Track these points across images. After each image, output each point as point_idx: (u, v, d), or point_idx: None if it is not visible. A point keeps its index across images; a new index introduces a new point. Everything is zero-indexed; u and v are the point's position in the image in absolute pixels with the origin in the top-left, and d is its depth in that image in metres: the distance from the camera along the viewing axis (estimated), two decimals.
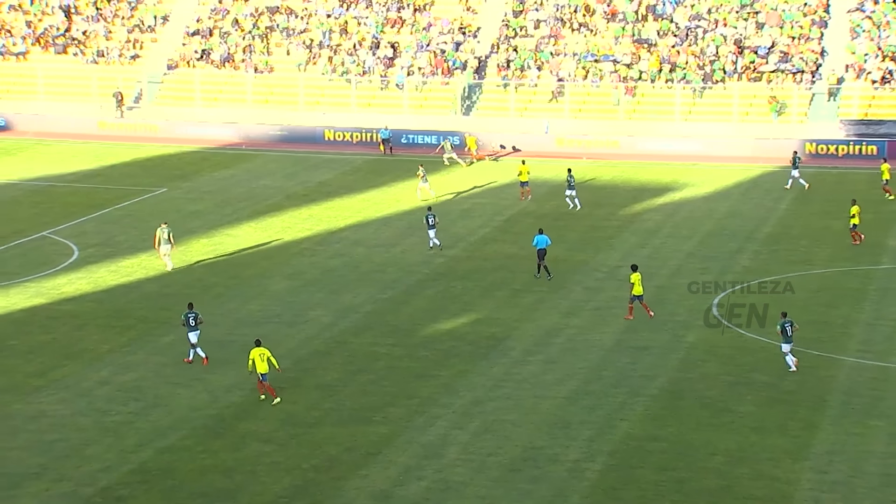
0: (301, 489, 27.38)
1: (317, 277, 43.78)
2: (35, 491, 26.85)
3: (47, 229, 49.63)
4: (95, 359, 35.19)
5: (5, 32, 79.10)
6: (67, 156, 65.73)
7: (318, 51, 76.78)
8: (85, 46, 78.46)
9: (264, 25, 78.81)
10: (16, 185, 58.22)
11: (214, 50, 77.46)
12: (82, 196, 56.01)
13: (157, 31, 79.69)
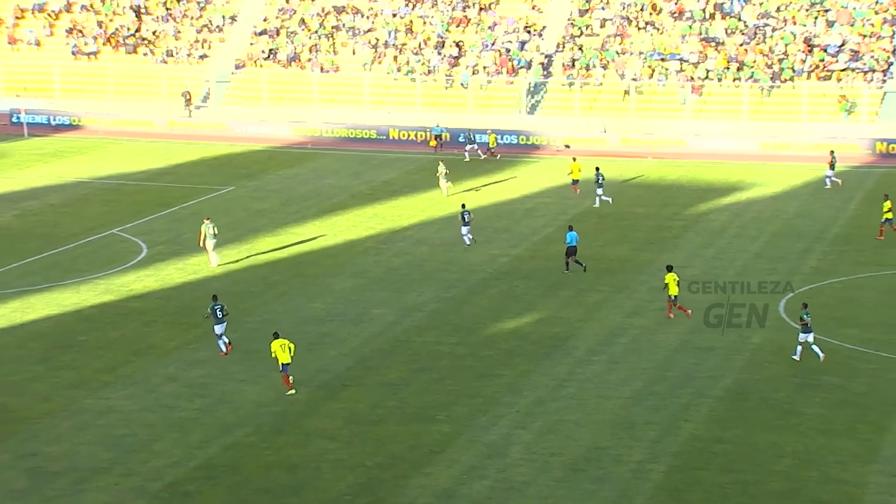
0: (364, 487, 27.49)
1: (381, 276, 43.93)
2: (104, 485, 27.21)
3: (117, 227, 50.29)
4: (163, 355, 35.59)
5: (77, 32, 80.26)
6: (137, 154, 66.54)
7: (383, 50, 77.06)
8: (154, 46, 79.40)
9: (330, 25, 79.24)
10: (86, 183, 59.06)
11: (281, 49, 78.02)
12: (151, 194, 56.67)
13: (225, 31, 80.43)
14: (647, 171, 62.63)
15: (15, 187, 57.40)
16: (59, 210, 53.18)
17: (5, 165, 62.60)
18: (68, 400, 31.97)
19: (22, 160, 64.10)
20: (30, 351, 35.57)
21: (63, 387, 32.89)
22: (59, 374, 33.77)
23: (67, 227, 49.78)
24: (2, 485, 26.98)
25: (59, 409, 31.32)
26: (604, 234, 50.14)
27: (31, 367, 34.23)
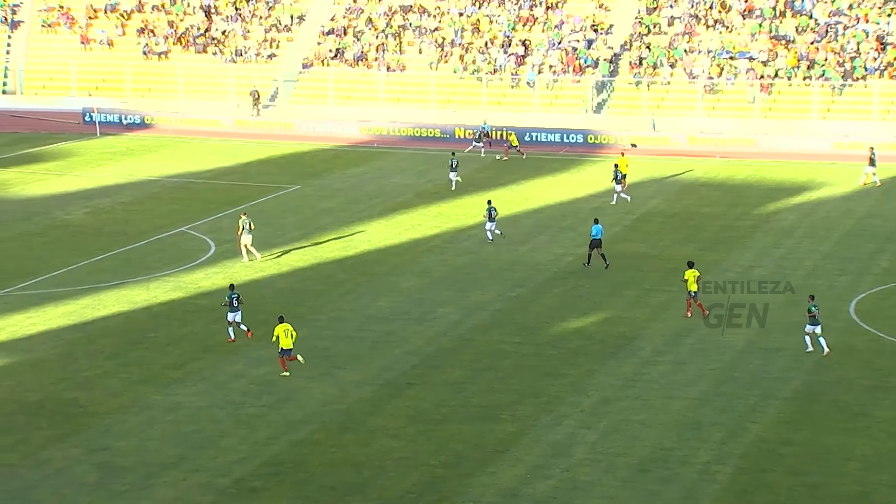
0: (428, 485, 27.55)
1: (445, 275, 43.97)
2: (172, 480, 27.51)
3: (186, 225, 50.83)
4: (230, 352, 35.90)
5: (148, 32, 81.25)
6: (206, 153, 67.22)
7: (449, 49, 77.14)
8: (224, 46, 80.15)
9: (397, 24, 79.48)
10: (156, 181, 59.75)
11: (348, 49, 78.40)
12: (219, 192, 57.21)
13: (293, 31, 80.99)
14: (714, 171, 62.08)
15: (87, 185, 58.25)
16: (129, 208, 53.88)
17: (78, 163, 63.55)
18: (138, 395, 32.38)
19: (94, 158, 65.02)
20: (100, 347, 36.07)
21: (133, 383, 33.31)
22: (128, 370, 34.20)
23: (138, 225, 50.40)
24: (73, 478, 27.39)
25: (129, 405, 31.73)
26: (670, 233, 49.79)
27: (101, 363, 34.71)
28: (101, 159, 64.95)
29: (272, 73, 78.39)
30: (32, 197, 55.47)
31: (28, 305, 39.45)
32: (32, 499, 26.43)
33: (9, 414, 30.85)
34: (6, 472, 27.57)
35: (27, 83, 78.71)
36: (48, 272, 43.12)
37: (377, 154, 67.20)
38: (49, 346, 36.01)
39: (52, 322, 37.96)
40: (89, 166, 62.99)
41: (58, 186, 57.87)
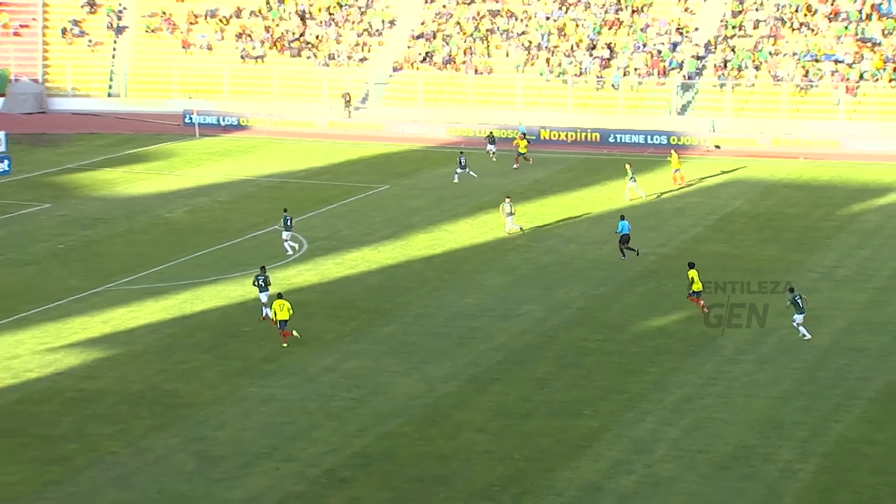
0: (513, 478, 27.52)
1: (530, 273, 43.88)
2: (266, 469, 27.82)
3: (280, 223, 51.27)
4: (321, 346, 36.21)
5: (246, 37, 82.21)
6: (299, 153, 67.85)
7: (536, 52, 76.94)
8: (317, 50, 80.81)
9: (485, 28, 79.46)
10: (252, 180, 60.42)
11: (437, 52, 78.58)
12: (312, 192, 57.71)
13: (384, 35, 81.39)
14: (798, 172, 61.14)
15: (187, 184, 59.12)
16: (226, 206, 54.58)
17: (178, 164, 64.54)
18: (233, 387, 32.80)
19: (193, 159, 65.98)
20: (198, 340, 36.60)
21: (229, 375, 33.75)
22: (224, 363, 34.66)
23: (234, 223, 51.02)
24: (172, 467, 27.84)
25: (225, 396, 32.15)
26: (754, 234, 49.16)
27: (199, 356, 35.22)
28: (200, 159, 65.88)
29: (363, 76, 78.86)
30: (135, 196, 56.47)
31: (130, 300, 40.17)
32: (134, 486, 26.91)
33: (112, 404, 31.44)
34: (110, 459, 28.11)
35: (131, 86, 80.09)
36: (149, 268, 43.86)
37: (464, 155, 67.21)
38: (150, 338, 36.63)
39: (152, 316, 38.61)
40: (189, 166, 63.92)
41: (159, 185, 58.82)
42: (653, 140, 68.35)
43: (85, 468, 27.55)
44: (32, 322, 37.46)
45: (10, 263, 44.23)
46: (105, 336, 36.68)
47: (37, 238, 47.98)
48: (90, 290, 40.63)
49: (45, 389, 32.22)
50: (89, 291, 40.49)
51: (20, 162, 61.31)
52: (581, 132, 69.75)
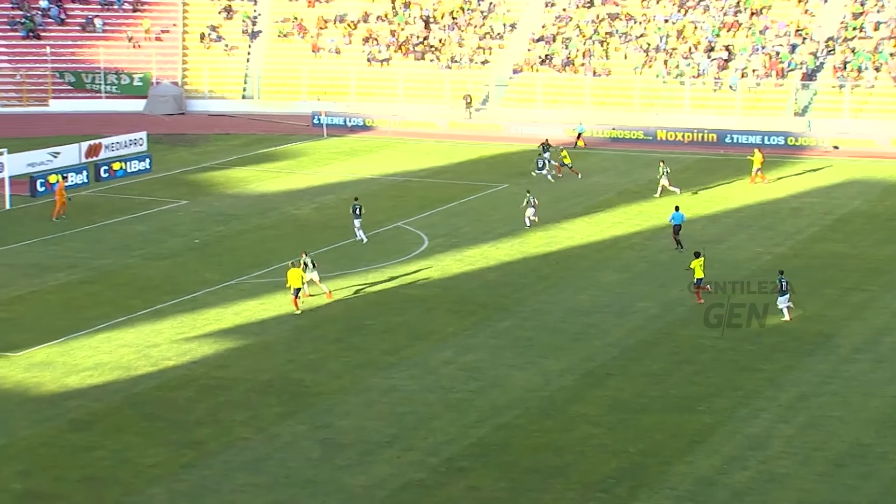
0: (627, 471, 27.29)
1: (645, 270, 43.43)
2: (388, 457, 28.05)
3: (402, 220, 51.72)
4: (441, 340, 36.36)
5: (372, 41, 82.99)
6: (421, 153, 68.24)
7: (654, 54, 76.10)
8: (440, 53, 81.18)
9: (604, 31, 78.89)
10: (376, 179, 60.95)
11: (556, 55, 78.25)
12: (433, 190, 57.98)
13: (505, 38, 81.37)
14: None
15: (314, 183, 59.92)
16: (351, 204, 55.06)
17: (307, 163, 65.43)
18: (357, 378, 33.15)
19: (321, 158, 66.82)
20: (324, 332, 37.08)
21: (352, 366, 34.12)
22: (349, 355, 35.05)
23: None
24: (299, 453, 28.26)
25: (349, 387, 32.52)
26: (872, 234, 47.87)
27: (325, 347, 35.68)
28: (327, 159, 66.70)
29: (484, 78, 78.94)
30: (266, 193, 57.43)
31: (261, 292, 40.89)
32: (263, 470, 27.40)
33: (243, 391, 32.05)
34: (241, 444, 28.66)
35: (264, 89, 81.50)
36: (279, 262, 44.55)
37: (581, 155, 66.84)
38: (279, 330, 37.23)
39: (281, 308, 39.23)
40: (316, 165, 64.75)
41: (288, 184, 59.72)
42: (770, 141, 67.03)
43: (218, 452, 28.13)
44: (170, 313, 38.39)
45: (150, 257, 45.40)
46: (237, 327, 37.39)
47: (174, 233, 49.15)
48: (223, 283, 41.49)
49: (181, 377, 33.00)
50: (222, 284, 41.35)
51: (160, 161, 62.89)
52: (697, 132, 68.79)
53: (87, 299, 39.72)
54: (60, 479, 26.62)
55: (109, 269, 43.41)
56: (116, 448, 28.22)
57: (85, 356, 34.24)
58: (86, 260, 44.22)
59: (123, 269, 43.54)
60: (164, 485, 26.48)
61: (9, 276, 42.12)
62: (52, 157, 60.37)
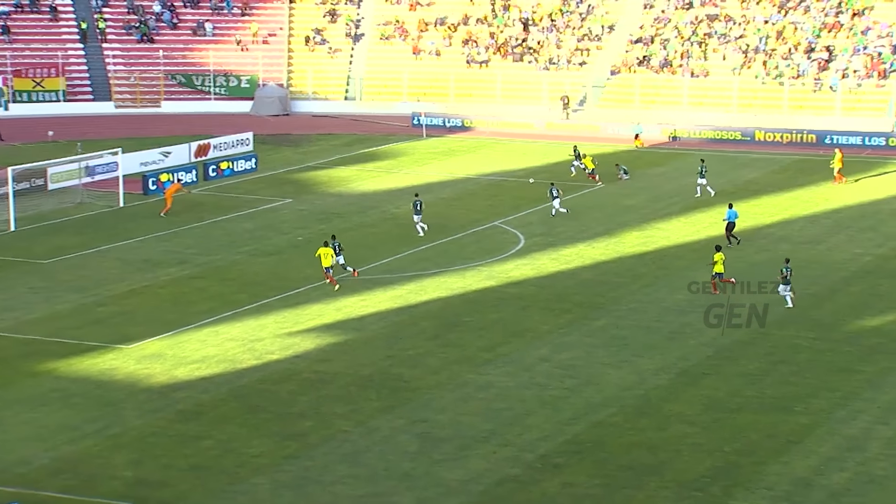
0: (723, 471, 26.92)
1: (742, 271, 42.73)
2: (484, 453, 28.07)
3: (498, 219, 51.69)
4: (536, 338, 36.27)
5: (472, 43, 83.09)
6: (518, 153, 68.11)
7: (753, 55, 74.88)
8: (538, 55, 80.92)
9: (703, 32, 77.86)
10: (474, 179, 61.00)
11: (654, 56, 77.47)
12: (529, 190, 57.82)
13: (603, 40, 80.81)
14: None
15: (413, 182, 60.17)
16: (449, 203, 55.30)
17: (406, 163, 65.77)
18: (453, 374, 33.22)
19: (420, 158, 67.12)
20: (422, 328, 37.23)
21: (449, 362, 34.20)
22: (446, 351, 35.15)
23: (456, 219, 51.64)
24: (397, 446, 28.43)
25: (446, 382, 32.61)
26: None
27: (423, 343, 35.83)
28: (426, 159, 66.96)
29: (582, 79, 78.49)
30: (367, 192, 57.88)
31: (361, 289, 41.22)
32: (362, 462, 27.62)
33: (344, 385, 32.35)
34: (341, 437, 28.92)
35: (365, 90, 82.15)
36: (378, 260, 44.90)
37: (678, 155, 66.12)
38: (378, 325, 37.49)
39: (380, 304, 39.51)
40: (416, 165, 65.05)
41: (388, 183, 60.11)
42: (870, 142, 65.49)
43: (319, 444, 28.43)
44: (274, 308, 38.91)
45: (256, 254, 46.09)
46: (338, 322, 37.74)
47: (279, 230, 49.81)
48: (325, 280, 41.89)
49: (284, 370, 33.43)
50: (324, 281, 41.76)
51: (265, 160, 63.79)
52: (797, 133, 67.50)
53: (196, 294, 40.48)
54: (169, 468, 27.17)
55: (217, 264, 44.17)
56: (222, 438, 28.69)
57: (193, 349, 34.89)
58: (195, 256, 45.06)
59: (231, 265, 44.26)
60: (268, 475, 26.85)
61: (122, 271, 43.13)
62: (164, 157, 61.63)
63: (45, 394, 31.19)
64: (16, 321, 37.03)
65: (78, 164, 56.18)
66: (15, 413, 29.93)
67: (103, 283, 41.35)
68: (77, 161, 56.08)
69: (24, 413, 29.94)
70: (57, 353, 34.20)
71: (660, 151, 67.84)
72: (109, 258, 44.85)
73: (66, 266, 43.59)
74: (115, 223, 50.67)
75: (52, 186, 55.45)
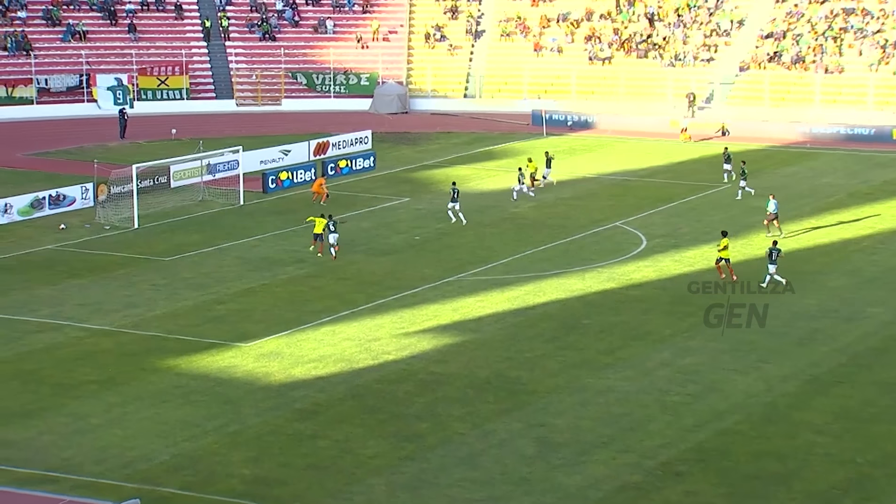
0: (855, 482, 26.24)
1: (877, 275, 41.61)
2: (603, 458, 27.88)
3: (620, 220, 51.27)
4: (658, 341, 35.87)
5: (595, 39, 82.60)
6: (641, 152, 67.44)
7: (891, 51, 72.79)
8: (664, 51, 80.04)
9: (838, 27, 76.01)
10: (595, 178, 60.60)
11: (786, 52, 75.91)
12: (652, 190, 57.24)
13: (732, 35, 79.50)
14: None
15: None
16: (569, 203, 55.04)
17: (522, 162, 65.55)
18: (572, 377, 33.07)
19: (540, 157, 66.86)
20: (541, 330, 37.15)
21: (568, 365, 34.06)
22: (564, 354, 35.00)
23: (577, 219, 51.38)
24: (514, 450, 28.41)
25: (564, 385, 32.47)
26: None
27: (541, 346, 35.74)
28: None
29: (709, 76, 77.36)
30: (486, 191, 57.95)
31: (479, 290, 41.32)
32: (479, 465, 27.68)
33: (460, 387, 32.46)
34: (458, 439, 29.03)
35: (485, 87, 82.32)
36: (496, 260, 44.94)
37: (809, 154, 64.70)
38: (495, 327, 37.53)
39: (498, 306, 39.54)
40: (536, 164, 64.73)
41: (507, 182, 60.07)
42: None
43: (435, 446, 28.59)
44: (391, 308, 39.26)
45: (373, 252, 46.57)
46: (455, 323, 37.90)
47: (396, 230, 50.23)
48: (442, 280, 42.13)
49: (401, 371, 33.70)
50: (441, 281, 41.99)
51: (384, 158, 64.40)
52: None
53: (313, 293, 41.08)
54: (286, 466, 27.63)
55: (334, 263, 44.76)
56: (339, 438, 29.06)
57: (310, 348, 35.42)
58: (312, 255, 45.72)
59: (348, 263, 44.81)
60: (385, 476, 27.10)
61: (241, 269, 44.02)
62: (283, 155, 62.72)
63: (166, 390, 32.02)
64: (139, 318, 38.10)
65: (200, 161, 57.56)
66: (137, 409, 30.79)
67: (223, 281, 42.27)
68: (199, 159, 57.45)
69: (146, 409, 30.78)
70: (178, 350, 35.08)
71: (791, 151, 66.44)
72: (229, 256, 45.83)
73: (186, 263, 44.68)
74: (234, 221, 51.75)
75: (174, 184, 56.92)
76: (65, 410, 30.62)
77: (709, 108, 76.14)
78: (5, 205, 50.75)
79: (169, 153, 61.33)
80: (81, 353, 34.84)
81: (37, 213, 51.61)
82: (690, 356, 34.47)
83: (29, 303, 39.45)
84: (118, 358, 34.50)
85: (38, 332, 36.54)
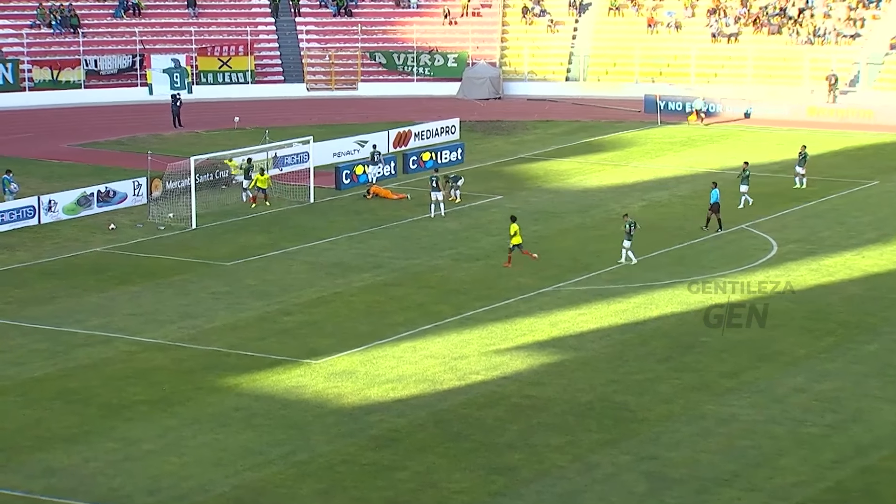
0: None
1: None
2: (726, 498, 27.57)
3: (747, 222, 50.73)
4: (790, 363, 35.43)
5: (719, 13, 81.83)
6: (772, 143, 66.69)
7: None
8: (800, 26, 79.04)
9: None
10: (717, 174, 59.88)
11: None
12: (784, 187, 56.57)
13: (882, 8, 78.25)
14: None
15: (644, 177, 59.73)
16: (687, 202, 54.62)
17: (636, 154, 65.33)
18: (689, 404, 32.81)
19: (653, 149, 66.57)
20: (652, 349, 36.92)
21: (684, 389, 33.80)
22: (680, 376, 34.74)
23: (695, 221, 50.92)
24: (621, 486, 28.26)
25: (680, 413, 32.23)
26: None
27: (652, 366, 35.52)
28: (661, 150, 66.34)
29: (853, 55, 76.22)
30: (589, 188, 57.81)
31: (580, 301, 41.20)
32: (580, 503, 27.57)
33: (559, 413, 32.38)
34: (556, 473, 28.96)
35: (591, 69, 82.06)
36: (601, 267, 44.76)
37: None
38: (599, 344, 37.39)
39: (603, 320, 39.38)
40: (648, 157, 64.55)
41: (614, 178, 59.85)
42: None
43: (530, 481, 28.56)
44: (479, 321, 39.32)
45: (461, 258, 46.68)
46: (552, 339, 37.84)
47: (487, 232, 50.30)
48: (538, 290, 42.07)
49: (491, 394, 33.73)
50: (537, 291, 41.94)
51: (473, 150, 64.54)
52: None
53: (392, 303, 41.32)
54: (360, 501, 27.81)
55: (416, 270, 44.98)
56: (420, 470, 29.19)
57: (388, 366, 35.63)
58: (392, 260, 46.00)
59: (431, 270, 44.99)
60: None
61: (311, 275, 44.45)
62: (360, 146, 63.18)
63: (226, 412, 32.45)
64: (197, 330, 38.68)
65: (265, 154, 58.22)
66: (194, 433, 31.24)
67: (290, 289, 42.72)
68: (264, 151, 58.11)
69: (205, 434, 31.21)
70: (239, 367, 35.53)
71: None
72: (297, 261, 46.30)
73: (249, 269, 45.25)
74: (304, 221, 52.27)
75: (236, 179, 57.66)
76: (114, 434, 31.18)
77: (853, 92, 75.01)
78: (49, 202, 51.90)
79: (231, 144, 62.15)
80: (132, 370, 35.46)
81: (84, 212, 52.68)
82: (829, 380, 34.00)
83: (75, 313, 40.28)
84: (173, 375, 35.06)
85: (84, 346, 37.28)
